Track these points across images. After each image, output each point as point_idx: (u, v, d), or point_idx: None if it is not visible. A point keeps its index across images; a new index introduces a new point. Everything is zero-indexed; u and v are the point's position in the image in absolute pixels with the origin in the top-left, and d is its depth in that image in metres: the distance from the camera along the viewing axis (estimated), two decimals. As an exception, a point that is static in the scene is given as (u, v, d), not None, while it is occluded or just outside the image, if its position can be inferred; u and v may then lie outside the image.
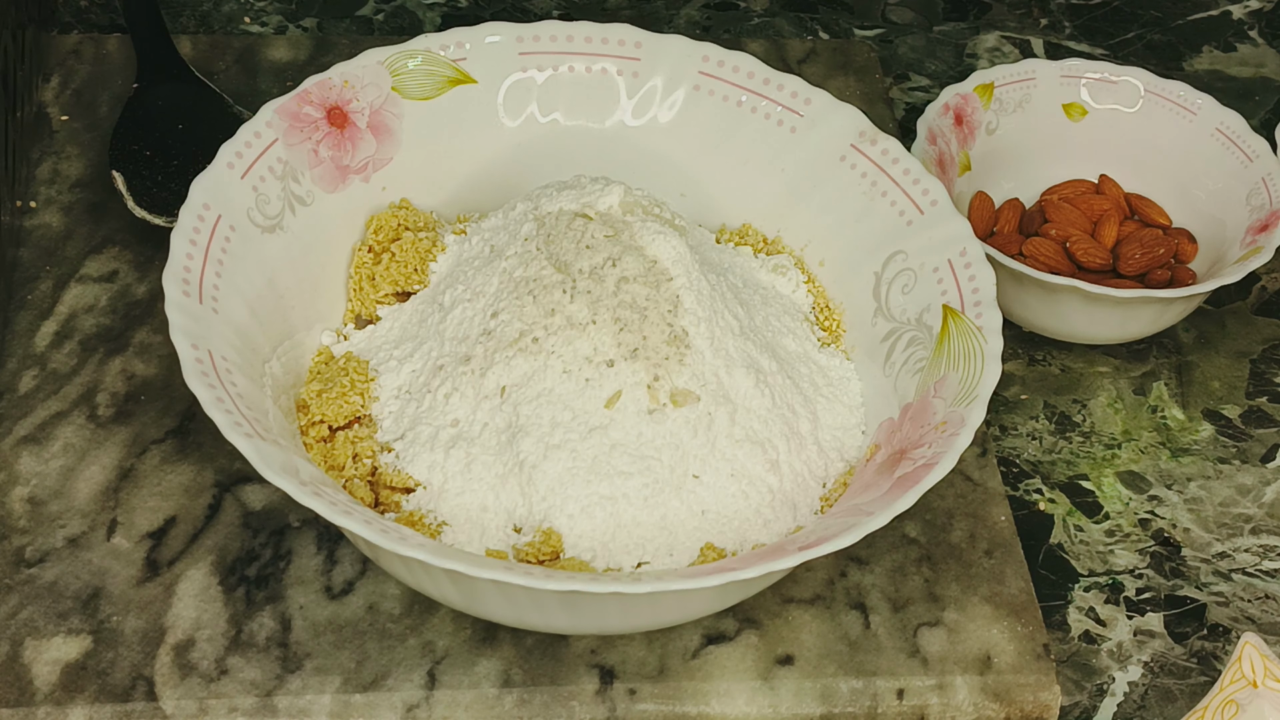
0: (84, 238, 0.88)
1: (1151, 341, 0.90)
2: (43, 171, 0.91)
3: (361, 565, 0.75)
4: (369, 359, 0.77)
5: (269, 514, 0.76)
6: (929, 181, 0.80)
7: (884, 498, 0.68)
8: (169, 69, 0.95)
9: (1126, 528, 0.82)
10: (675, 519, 0.71)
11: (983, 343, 0.74)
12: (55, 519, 0.75)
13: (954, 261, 0.77)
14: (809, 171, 0.83)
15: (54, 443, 0.78)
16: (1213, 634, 0.78)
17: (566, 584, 0.62)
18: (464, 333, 0.75)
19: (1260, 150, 0.92)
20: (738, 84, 0.85)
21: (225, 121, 0.90)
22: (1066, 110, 0.96)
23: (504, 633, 0.73)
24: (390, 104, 0.82)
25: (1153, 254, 0.89)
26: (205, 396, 0.66)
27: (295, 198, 0.79)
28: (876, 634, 0.74)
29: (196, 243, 0.73)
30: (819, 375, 0.78)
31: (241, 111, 0.92)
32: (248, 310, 0.74)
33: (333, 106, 0.80)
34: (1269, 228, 0.88)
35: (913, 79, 1.07)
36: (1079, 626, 0.78)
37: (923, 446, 0.70)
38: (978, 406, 0.71)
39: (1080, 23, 1.12)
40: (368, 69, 0.82)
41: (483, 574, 0.62)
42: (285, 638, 0.72)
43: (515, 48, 0.85)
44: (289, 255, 0.78)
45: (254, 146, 0.77)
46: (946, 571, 0.77)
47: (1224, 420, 0.87)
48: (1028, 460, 0.84)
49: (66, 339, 0.83)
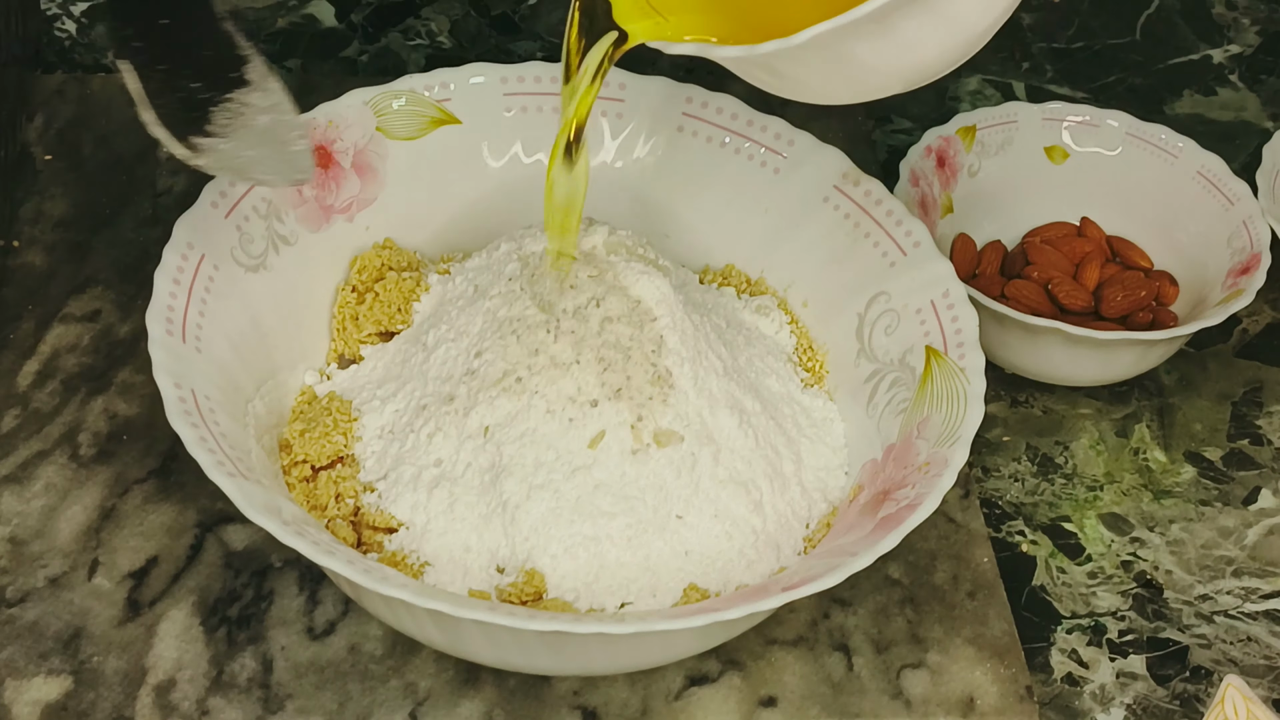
0: (67, 277, 0.87)
1: (1133, 384, 0.90)
2: (26, 211, 0.91)
3: (344, 606, 0.75)
4: (352, 399, 0.77)
5: (251, 554, 0.76)
6: (911, 223, 0.80)
7: (867, 538, 0.68)
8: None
9: (1109, 570, 0.82)
10: (658, 560, 0.71)
11: (965, 384, 0.74)
12: (36, 559, 0.75)
13: (936, 302, 0.78)
14: (792, 212, 0.84)
15: (36, 482, 0.78)
16: (1195, 676, 0.78)
17: (550, 624, 0.62)
18: (447, 372, 0.75)
19: (1241, 193, 0.92)
20: (721, 125, 0.85)
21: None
22: (1048, 153, 0.96)
23: (486, 674, 0.73)
24: (375, 144, 0.82)
25: (1134, 296, 0.90)
26: (188, 436, 0.66)
27: (279, 237, 0.79)
28: (860, 675, 0.74)
29: (180, 282, 0.73)
30: (802, 416, 0.78)
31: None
32: (231, 349, 0.74)
33: (317, 146, 0.81)
34: (1250, 270, 0.88)
35: (895, 121, 1.07)
36: (1062, 668, 0.78)
37: (906, 487, 0.70)
38: (960, 447, 0.71)
39: (1062, 66, 1.13)
40: (352, 109, 0.82)
41: (466, 614, 0.62)
42: (267, 678, 0.72)
43: (500, 88, 0.85)
44: (272, 294, 0.78)
45: (238, 185, 0.78)
46: (929, 613, 0.77)
47: (1206, 462, 0.87)
48: (1010, 502, 0.84)
49: (49, 378, 0.83)
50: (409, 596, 0.62)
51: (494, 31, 1.11)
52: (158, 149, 0.94)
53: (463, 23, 1.11)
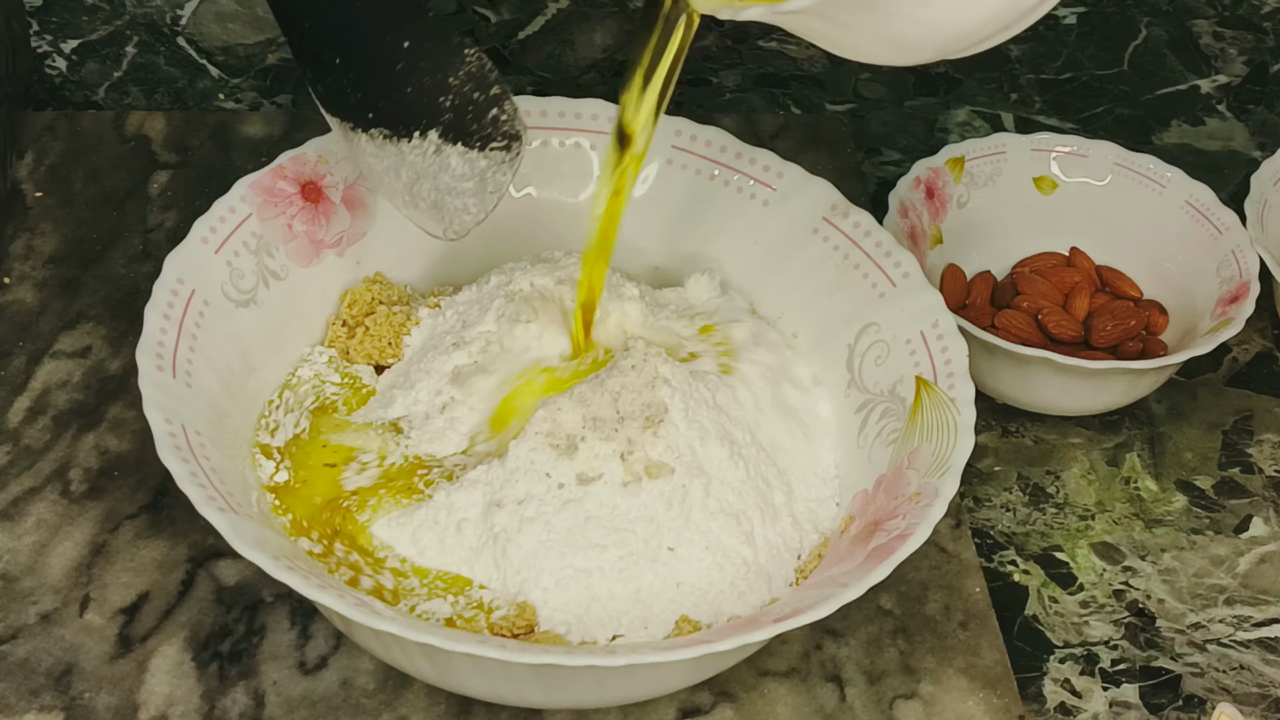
0: (57, 313, 0.87)
1: (1124, 413, 0.91)
2: (17, 248, 0.91)
3: (335, 640, 0.74)
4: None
5: (242, 589, 0.76)
6: (901, 254, 0.81)
7: (858, 569, 0.68)
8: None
9: (1101, 599, 0.82)
10: (650, 591, 0.71)
11: (955, 414, 0.74)
12: (27, 595, 0.75)
13: (926, 333, 0.78)
14: (782, 244, 0.84)
15: (27, 519, 0.78)
16: (1188, 705, 0.78)
17: (541, 657, 0.62)
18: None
19: (1230, 223, 0.92)
20: (710, 158, 0.85)
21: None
22: (1037, 183, 0.96)
23: (478, 707, 0.72)
24: (364, 179, 0.83)
25: (1124, 326, 0.90)
26: (179, 471, 0.66)
27: (269, 272, 0.79)
28: (852, 706, 0.74)
29: (170, 317, 0.73)
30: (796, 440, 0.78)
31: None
32: (221, 384, 0.74)
33: (307, 181, 0.81)
34: (1239, 299, 0.88)
35: (884, 153, 1.07)
36: (1054, 698, 0.77)
37: (896, 518, 0.70)
38: (951, 478, 0.71)
39: (1050, 97, 1.13)
40: (342, 144, 0.82)
41: (457, 648, 0.62)
42: (259, 714, 0.72)
43: None
44: (263, 329, 0.78)
45: (228, 221, 0.78)
46: (922, 643, 0.77)
47: (1197, 491, 0.87)
48: (1002, 532, 0.84)
49: (40, 414, 0.83)
50: (400, 630, 0.62)
51: (484, 66, 1.11)
52: (148, 184, 0.95)
53: (453, 58, 1.12)
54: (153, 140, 0.98)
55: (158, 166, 0.97)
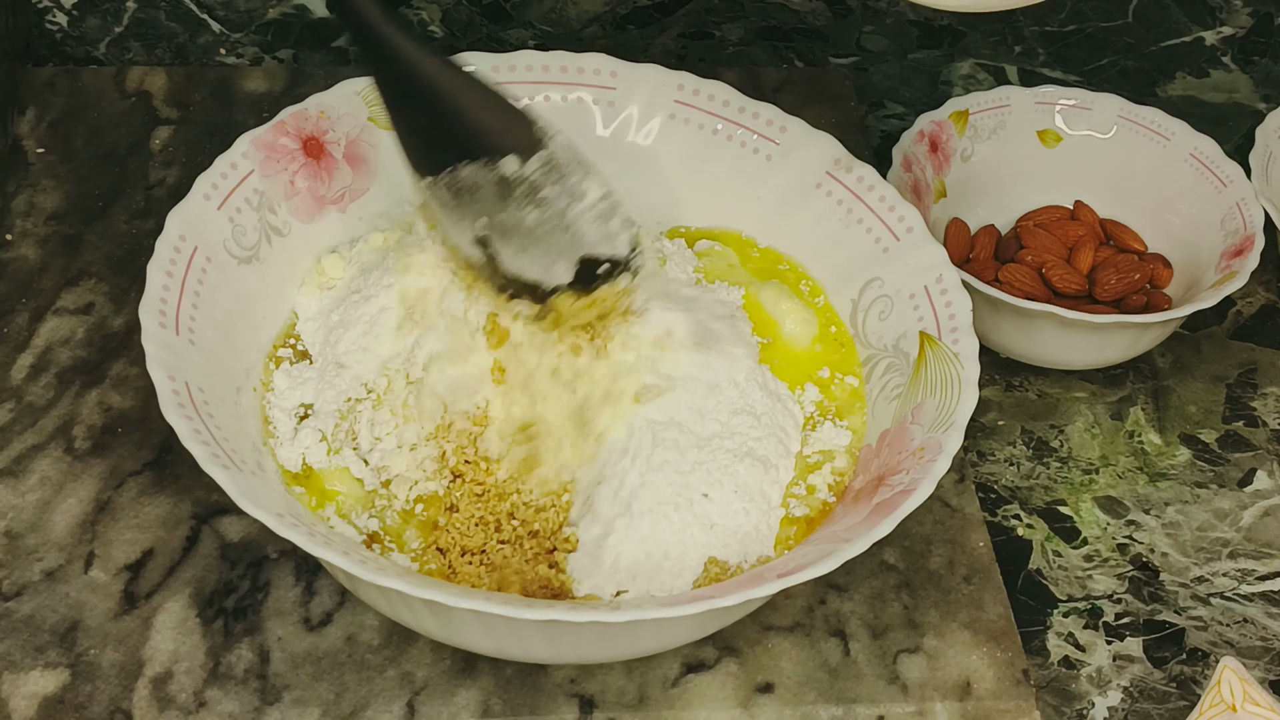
0: (60, 270, 0.87)
1: (1128, 366, 0.91)
2: (19, 204, 0.91)
3: (340, 597, 0.75)
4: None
5: (247, 546, 0.76)
6: (904, 208, 0.80)
7: (862, 524, 0.68)
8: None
9: (1105, 553, 0.82)
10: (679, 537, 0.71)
11: (959, 369, 0.74)
12: (32, 552, 0.75)
13: (930, 288, 0.78)
14: (785, 199, 0.83)
15: (31, 475, 0.78)
16: (1192, 658, 0.78)
17: (544, 613, 0.62)
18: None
19: (1234, 175, 0.92)
20: (713, 112, 0.85)
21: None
22: (1041, 137, 0.96)
23: (483, 663, 0.73)
24: (366, 134, 0.82)
25: (1128, 279, 0.90)
26: (183, 429, 0.66)
27: (271, 228, 0.79)
28: (856, 661, 0.74)
29: (173, 274, 0.73)
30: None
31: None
32: (224, 341, 0.74)
33: (309, 137, 0.81)
34: (1243, 252, 0.88)
35: (888, 106, 1.07)
36: (1058, 652, 0.78)
37: (900, 473, 0.70)
38: (955, 432, 0.71)
39: (1054, 50, 1.13)
40: (344, 99, 0.82)
41: (461, 604, 0.62)
42: (264, 669, 0.72)
43: (491, 78, 0.85)
44: (265, 285, 0.78)
45: (230, 178, 0.77)
46: (925, 598, 0.77)
47: (1201, 445, 0.87)
48: (1005, 486, 0.85)
49: (43, 372, 0.82)
50: (404, 587, 0.62)
51: (486, 20, 1.11)
52: (149, 140, 0.94)
53: (454, 11, 1.11)
54: (154, 96, 0.98)
55: (159, 122, 0.96)
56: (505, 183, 0.70)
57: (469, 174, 0.70)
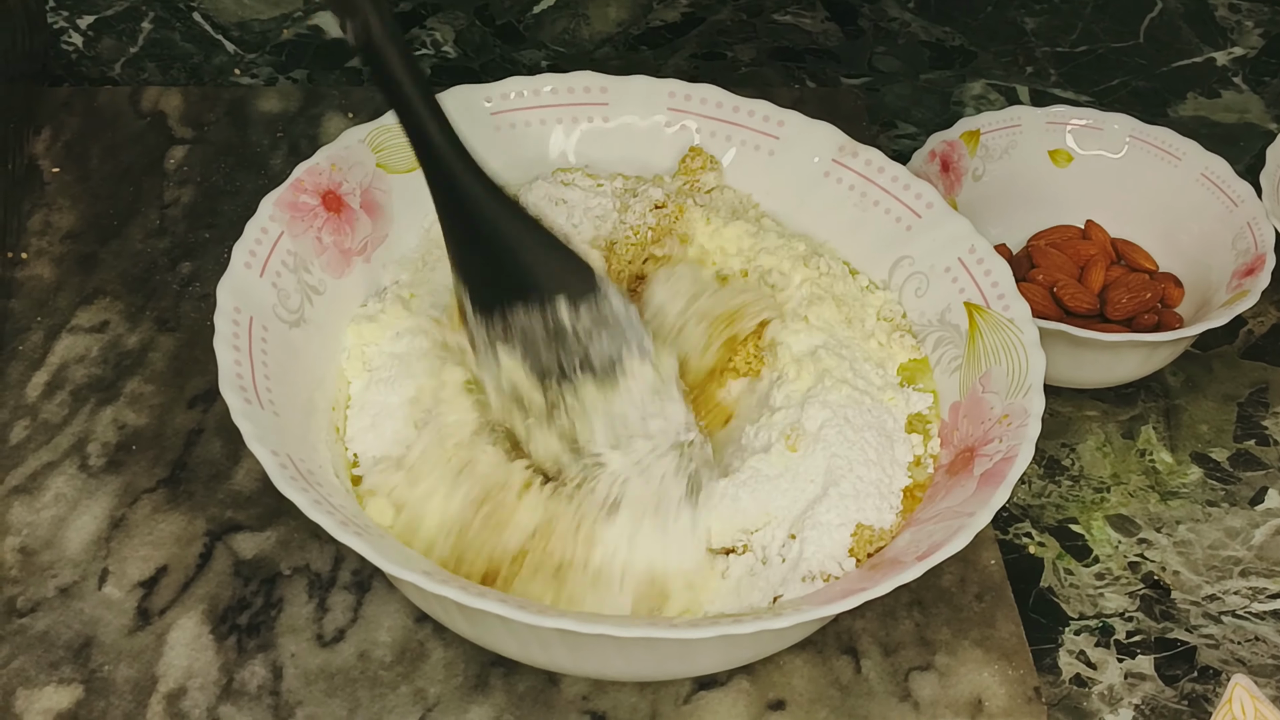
0: (75, 288, 0.88)
1: (1139, 385, 0.91)
2: (34, 223, 0.91)
3: (353, 613, 0.75)
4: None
5: (260, 562, 0.77)
6: (920, 185, 0.81)
7: (975, 497, 0.68)
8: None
9: (1116, 571, 0.82)
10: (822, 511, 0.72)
11: (1018, 333, 0.74)
12: (47, 569, 0.75)
13: (964, 259, 0.78)
14: (794, 192, 0.84)
15: (45, 493, 0.78)
16: (1203, 676, 0.78)
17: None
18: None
19: (1245, 195, 0.92)
20: (707, 115, 0.85)
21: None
22: (1052, 156, 0.96)
23: (496, 679, 0.73)
24: (377, 180, 0.81)
25: (1139, 298, 0.90)
26: (302, 501, 0.65)
27: (310, 288, 0.76)
28: (868, 678, 0.74)
29: (239, 348, 0.71)
30: None
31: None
32: (295, 406, 0.72)
33: (326, 191, 0.79)
34: (1254, 271, 0.88)
35: (899, 126, 1.07)
36: (1070, 669, 0.78)
37: (993, 441, 0.71)
38: (1035, 395, 0.72)
39: (1065, 70, 1.13)
40: (351, 149, 0.80)
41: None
42: (277, 686, 0.72)
43: (485, 108, 0.85)
44: (313, 347, 0.76)
45: (264, 242, 0.76)
46: (937, 615, 0.77)
47: (1212, 463, 0.87)
48: (1017, 504, 0.85)
49: (58, 389, 0.83)
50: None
51: (499, 41, 1.11)
52: (164, 160, 0.95)
53: (468, 33, 1.12)
54: (169, 116, 0.98)
55: (174, 142, 0.97)
56: (558, 331, 0.71)
57: (521, 319, 0.71)
